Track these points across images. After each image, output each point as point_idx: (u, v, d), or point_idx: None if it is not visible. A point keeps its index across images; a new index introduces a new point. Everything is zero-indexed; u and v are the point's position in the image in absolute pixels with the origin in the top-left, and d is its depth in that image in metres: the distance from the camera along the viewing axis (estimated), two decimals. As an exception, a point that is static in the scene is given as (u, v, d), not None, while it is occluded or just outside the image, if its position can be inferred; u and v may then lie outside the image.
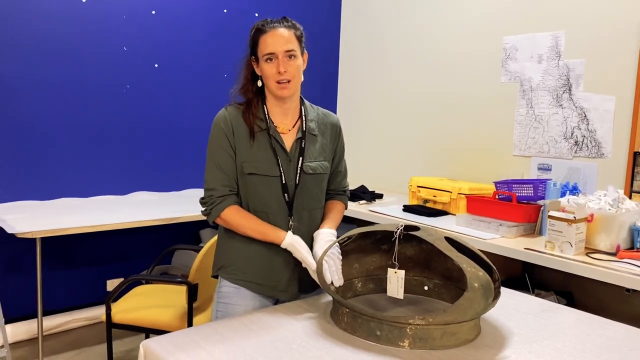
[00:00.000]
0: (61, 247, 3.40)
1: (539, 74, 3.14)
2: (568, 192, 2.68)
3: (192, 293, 2.41)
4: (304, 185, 1.72)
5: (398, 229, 1.49)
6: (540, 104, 3.14)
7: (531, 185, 2.80)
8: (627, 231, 2.39)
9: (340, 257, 1.59)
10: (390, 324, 1.33)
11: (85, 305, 3.50)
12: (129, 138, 3.58)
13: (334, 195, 1.88)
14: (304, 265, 1.66)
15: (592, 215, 2.42)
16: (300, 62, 1.68)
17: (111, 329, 2.46)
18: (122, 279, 3.59)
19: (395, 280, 1.48)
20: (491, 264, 1.49)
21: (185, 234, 3.83)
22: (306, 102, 1.81)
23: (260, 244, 1.71)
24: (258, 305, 1.72)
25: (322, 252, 1.61)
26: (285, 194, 1.69)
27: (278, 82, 1.64)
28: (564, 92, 3.03)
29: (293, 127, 1.74)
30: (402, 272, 1.48)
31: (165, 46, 3.65)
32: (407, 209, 3.19)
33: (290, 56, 1.64)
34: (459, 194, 3.11)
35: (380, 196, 3.60)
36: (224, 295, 1.73)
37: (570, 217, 2.35)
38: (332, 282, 1.52)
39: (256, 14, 3.92)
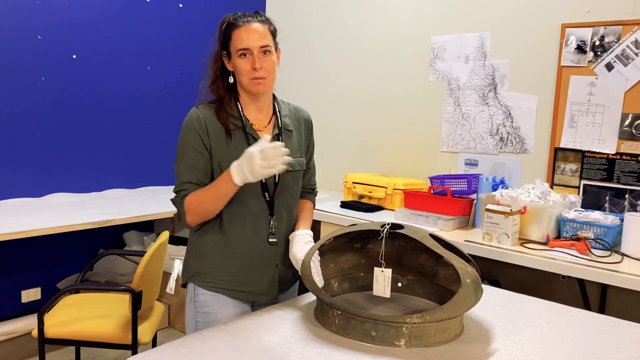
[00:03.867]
0: (-34, 256, 3.05)
1: (465, 73, 3.28)
2: (501, 186, 2.83)
3: (137, 301, 2.26)
4: (283, 184, 1.67)
5: (384, 228, 1.49)
6: (467, 102, 3.29)
7: (465, 180, 2.93)
8: (555, 221, 2.58)
9: (319, 258, 1.57)
10: (386, 324, 1.32)
11: (-3, 319, 3.16)
12: (44, 134, 3.27)
13: (304, 194, 1.85)
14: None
15: (525, 208, 2.57)
16: (275, 58, 1.63)
17: (44, 344, 2.24)
18: (39, 289, 3.28)
19: (382, 279, 1.48)
20: (470, 258, 1.54)
21: (107, 238, 3.58)
22: (277, 97, 1.76)
23: (237, 248, 1.64)
24: (239, 311, 1.66)
25: (302, 254, 1.58)
26: (266, 193, 1.64)
27: (253, 79, 1.58)
28: (489, 91, 3.19)
29: (268, 123, 1.69)
30: (389, 270, 1.48)
31: (84, 36, 3.38)
32: (344, 205, 3.22)
33: (265, 52, 1.59)
34: (394, 189, 3.19)
35: (314, 193, 3.59)
36: (203, 304, 1.64)
37: (507, 209, 2.49)
38: (314, 284, 1.50)
39: (180, 5, 3.74)
